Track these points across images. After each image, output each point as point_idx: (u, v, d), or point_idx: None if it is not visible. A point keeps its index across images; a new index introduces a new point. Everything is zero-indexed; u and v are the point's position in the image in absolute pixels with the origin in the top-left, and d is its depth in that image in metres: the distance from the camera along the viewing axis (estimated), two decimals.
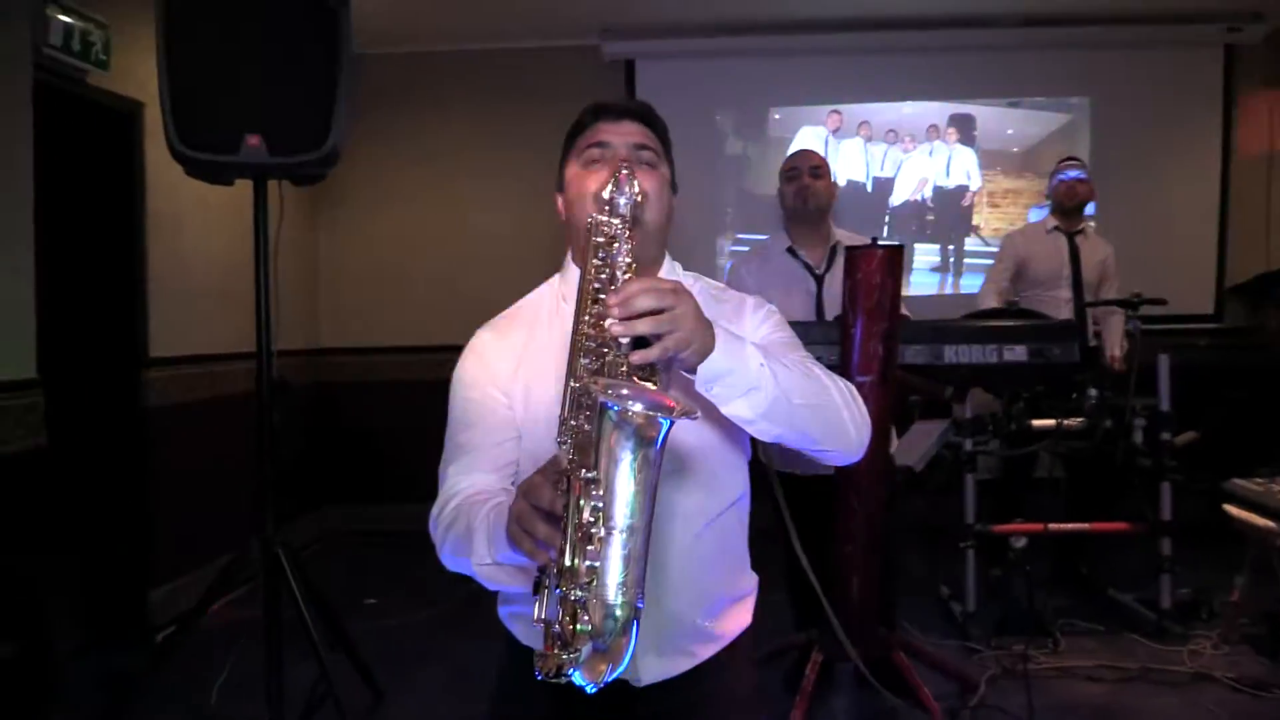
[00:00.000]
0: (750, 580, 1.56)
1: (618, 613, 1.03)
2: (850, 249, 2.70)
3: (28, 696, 2.27)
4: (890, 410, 2.86)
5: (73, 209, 3.91)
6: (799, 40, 5.58)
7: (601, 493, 1.03)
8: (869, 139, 5.75)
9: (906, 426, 3.90)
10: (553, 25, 5.58)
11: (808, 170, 3.32)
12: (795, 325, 2.91)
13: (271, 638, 2.90)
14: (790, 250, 3.33)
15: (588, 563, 1.03)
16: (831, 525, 3.00)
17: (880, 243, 2.67)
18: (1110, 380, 4.02)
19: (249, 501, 4.55)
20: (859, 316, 2.71)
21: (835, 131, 5.77)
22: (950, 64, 5.62)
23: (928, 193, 5.76)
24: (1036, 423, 3.90)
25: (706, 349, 1.14)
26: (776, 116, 5.79)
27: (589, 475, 1.04)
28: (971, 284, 5.41)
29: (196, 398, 4.47)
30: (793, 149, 3.53)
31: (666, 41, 5.65)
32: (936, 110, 5.71)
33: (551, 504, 1.07)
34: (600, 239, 1.24)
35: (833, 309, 3.18)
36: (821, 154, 3.45)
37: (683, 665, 1.43)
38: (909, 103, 5.72)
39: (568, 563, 1.04)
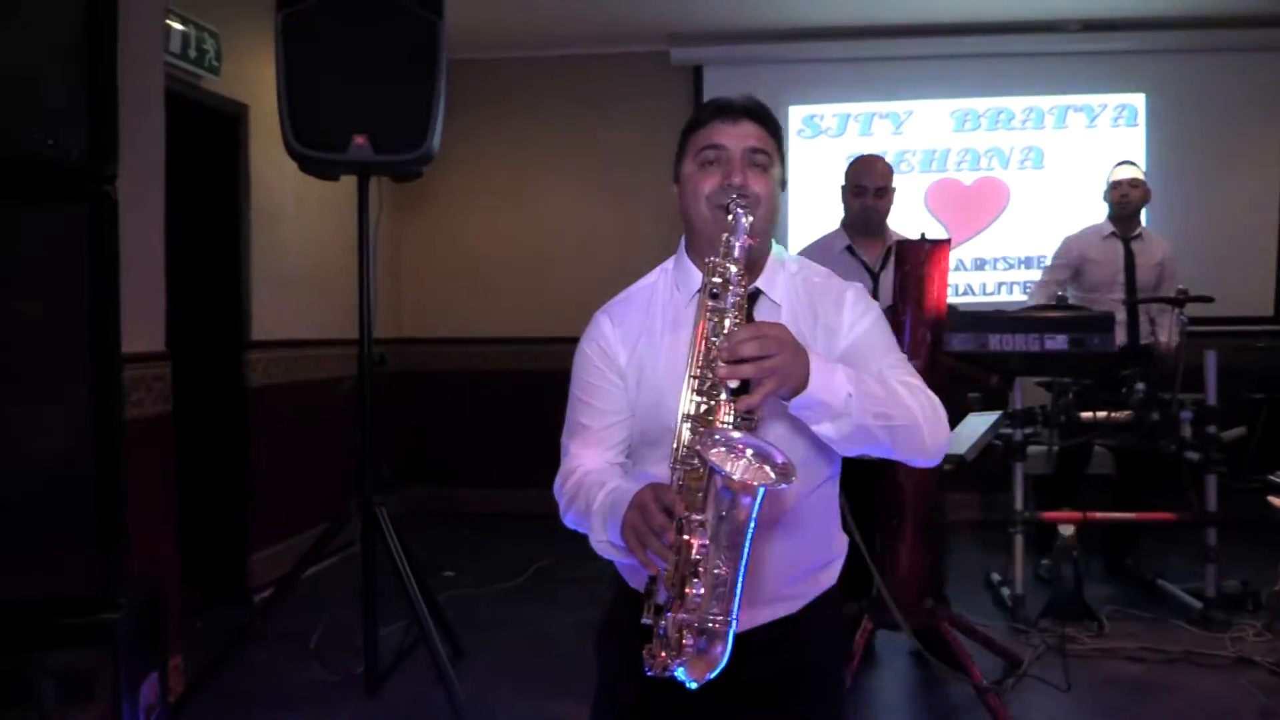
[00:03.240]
0: (838, 546, 1.68)
1: (717, 632, 1.29)
2: (901, 243, 2.92)
3: (149, 638, 2.56)
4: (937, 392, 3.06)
5: (185, 204, 4.28)
6: (862, 45, 5.77)
7: (707, 536, 1.27)
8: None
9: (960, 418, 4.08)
10: (622, 33, 5.84)
11: (873, 191, 3.57)
12: None
13: (369, 590, 3.20)
14: (849, 249, 3.59)
15: (694, 591, 1.28)
16: (882, 501, 3.21)
17: (928, 238, 2.87)
18: (1162, 375, 4.13)
19: (340, 477, 4.91)
20: (908, 305, 2.92)
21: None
22: (1013, 65, 5.77)
23: None
24: (1085, 415, 4.05)
25: (801, 384, 1.30)
26: (840, 118, 5.99)
27: (698, 519, 1.27)
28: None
29: (292, 379, 4.82)
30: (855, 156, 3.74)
31: (732, 48, 5.88)
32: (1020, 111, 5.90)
33: (662, 527, 1.28)
34: (717, 280, 1.36)
35: (885, 298, 3.40)
36: (885, 160, 3.67)
37: (762, 618, 1.55)
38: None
39: (677, 588, 1.28)
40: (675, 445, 1.36)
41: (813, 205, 5.96)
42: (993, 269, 5.93)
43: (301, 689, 3.35)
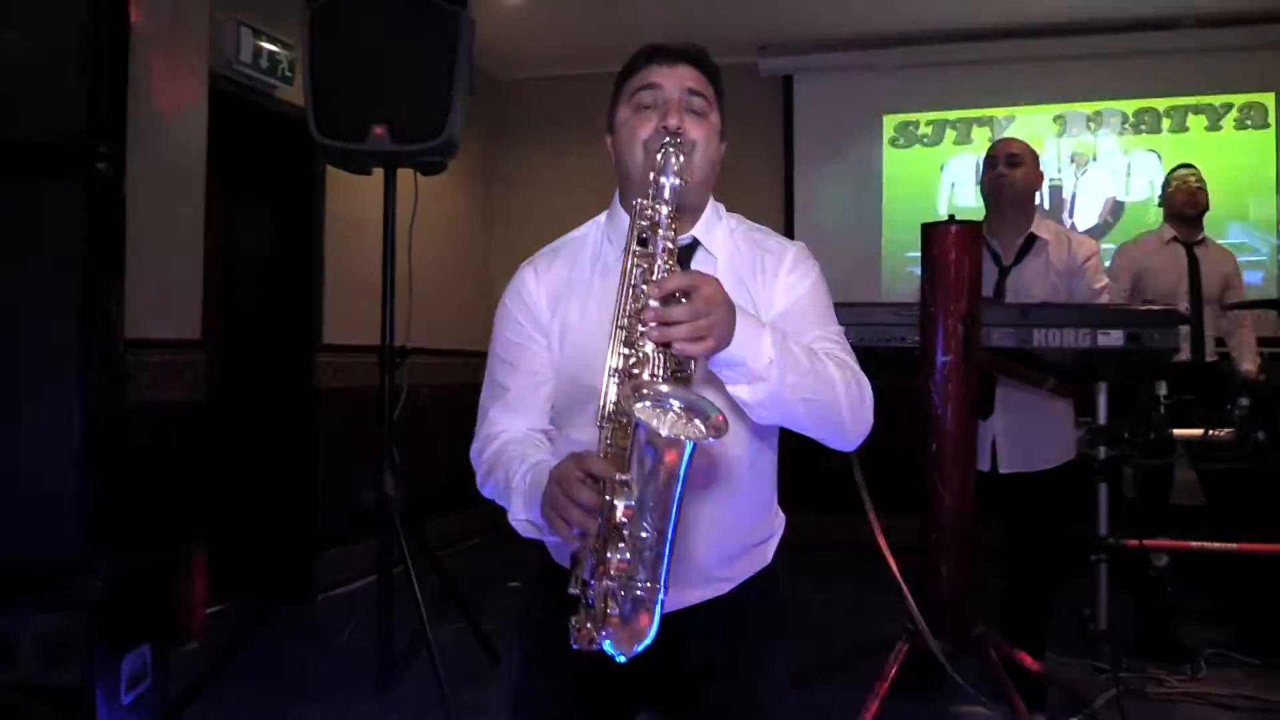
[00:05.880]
0: (774, 524, 1.58)
1: (644, 600, 1.18)
2: (924, 226, 2.70)
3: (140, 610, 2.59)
4: (973, 392, 2.81)
5: (263, 209, 4.46)
6: (958, 49, 5.51)
7: (633, 497, 1.15)
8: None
9: None
10: (709, 44, 5.71)
11: (1004, 158, 3.28)
12: None
13: (383, 586, 3.18)
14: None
15: (619, 556, 1.16)
16: (921, 514, 2.97)
17: (955, 220, 2.65)
18: (1246, 394, 3.70)
19: (405, 484, 4.97)
20: (937, 295, 2.70)
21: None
22: (1126, 67, 5.38)
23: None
24: (1179, 432, 3.66)
25: (727, 341, 1.19)
26: (936, 126, 5.72)
27: (622, 478, 1.16)
28: None
29: (361, 384, 4.89)
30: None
31: (822, 56, 5.72)
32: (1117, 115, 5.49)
33: (586, 502, 1.18)
34: (644, 222, 1.26)
35: (1017, 298, 3.17)
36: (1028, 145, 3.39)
37: (692, 599, 1.46)
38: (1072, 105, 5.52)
39: (602, 555, 1.17)
40: (601, 402, 1.25)
41: (910, 215, 5.69)
42: None
43: (323, 684, 3.35)
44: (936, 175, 5.71)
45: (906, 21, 5.40)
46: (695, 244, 1.48)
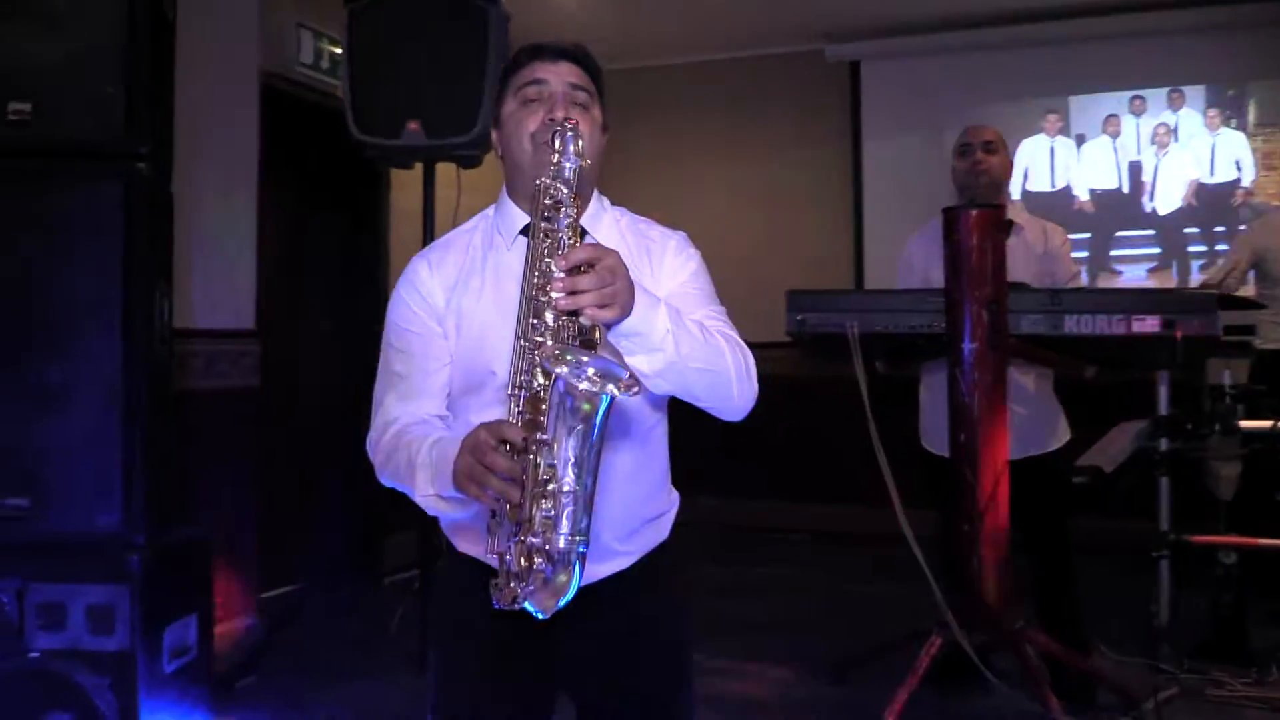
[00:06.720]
0: (668, 500, 1.64)
1: (566, 556, 1.24)
2: (946, 210, 2.65)
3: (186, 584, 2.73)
4: (1002, 380, 2.74)
5: (331, 204, 4.63)
6: (1028, 30, 5.35)
7: (554, 455, 1.23)
8: (1117, 135, 5.36)
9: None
10: (775, 33, 5.72)
11: (980, 145, 3.23)
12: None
13: (424, 572, 3.28)
14: None
15: (541, 513, 1.23)
16: (954, 504, 2.91)
17: (977, 204, 2.60)
18: None
19: None
20: (961, 281, 2.65)
21: (1068, 133, 5.44)
22: (1206, 43, 5.11)
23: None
24: (1246, 424, 3.49)
25: (629, 310, 1.28)
26: (1007, 109, 5.56)
27: (542, 437, 1.23)
28: None
29: None
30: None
31: (889, 41, 5.62)
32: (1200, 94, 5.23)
33: (504, 469, 1.23)
34: (548, 201, 1.33)
35: None
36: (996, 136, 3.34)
37: (598, 574, 1.50)
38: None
39: (524, 512, 1.24)
40: (513, 370, 1.32)
41: None
42: None
43: (371, 665, 3.49)
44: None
45: (975, 3, 5.25)
46: (583, 233, 1.51)
